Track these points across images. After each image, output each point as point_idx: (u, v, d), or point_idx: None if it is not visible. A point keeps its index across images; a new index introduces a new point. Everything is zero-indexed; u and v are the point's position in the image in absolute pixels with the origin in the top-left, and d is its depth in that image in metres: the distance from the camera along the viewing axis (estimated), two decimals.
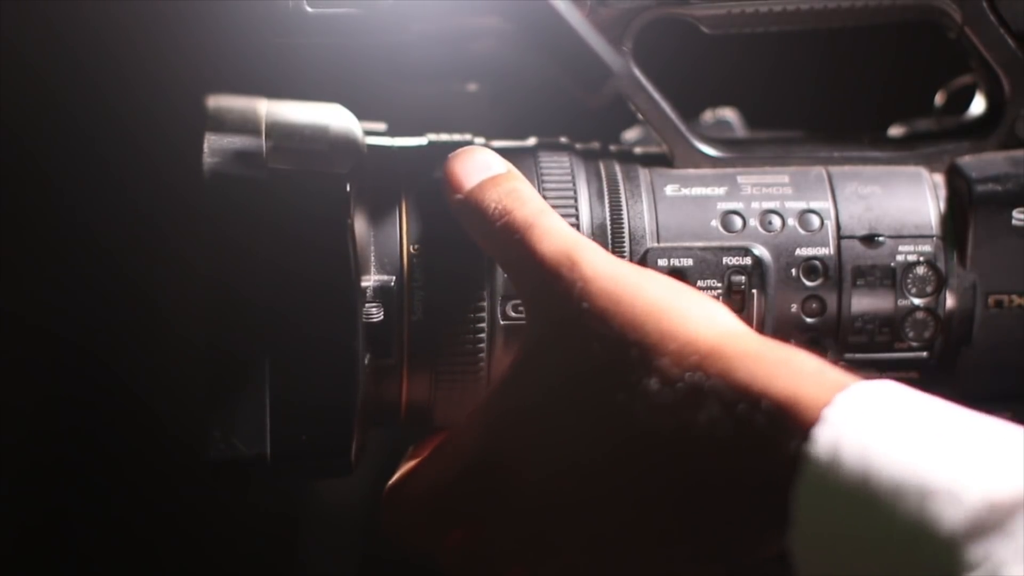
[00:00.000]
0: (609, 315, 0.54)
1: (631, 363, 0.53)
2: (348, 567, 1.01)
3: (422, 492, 0.59)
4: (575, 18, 0.57)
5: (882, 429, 0.47)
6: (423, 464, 0.59)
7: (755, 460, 0.50)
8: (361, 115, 0.64)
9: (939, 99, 0.69)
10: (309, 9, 0.59)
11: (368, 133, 0.64)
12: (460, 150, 0.60)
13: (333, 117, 0.62)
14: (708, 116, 0.70)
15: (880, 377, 0.61)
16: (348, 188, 0.57)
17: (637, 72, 0.62)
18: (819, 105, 0.86)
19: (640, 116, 0.63)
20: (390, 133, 0.65)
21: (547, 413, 0.55)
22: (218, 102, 0.62)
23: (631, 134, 0.69)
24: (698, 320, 0.54)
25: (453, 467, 0.58)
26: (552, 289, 0.56)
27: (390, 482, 0.60)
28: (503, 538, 0.57)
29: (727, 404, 0.51)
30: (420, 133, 0.65)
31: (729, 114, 0.70)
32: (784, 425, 0.49)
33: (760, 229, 0.61)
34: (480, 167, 0.59)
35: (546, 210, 0.58)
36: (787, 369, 0.51)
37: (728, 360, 0.52)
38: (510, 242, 0.57)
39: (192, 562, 0.98)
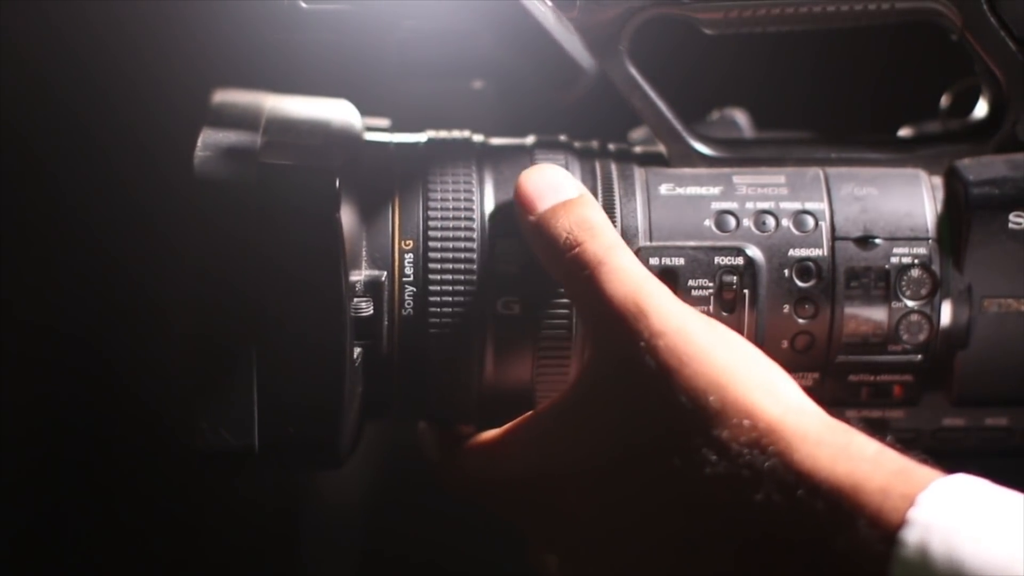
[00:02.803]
0: (672, 378, 0.54)
1: (689, 430, 0.53)
2: (348, 564, 1.01)
3: (478, 480, 0.60)
4: (545, 16, 0.57)
5: (970, 530, 0.47)
6: (478, 457, 0.60)
7: (817, 545, 0.50)
8: (366, 111, 0.64)
9: (945, 101, 0.69)
10: (304, 5, 0.59)
11: (370, 129, 0.64)
12: (533, 167, 0.60)
13: (334, 112, 0.62)
14: (715, 116, 0.70)
15: (874, 381, 0.61)
16: (337, 183, 0.57)
17: (633, 71, 0.62)
18: (820, 106, 0.86)
19: (637, 115, 0.63)
20: (394, 129, 0.65)
21: (600, 450, 0.56)
22: (223, 97, 0.62)
23: (637, 133, 0.69)
24: (762, 392, 0.54)
25: (510, 469, 0.58)
26: (618, 336, 0.56)
27: (447, 461, 0.61)
28: (547, 534, 0.58)
29: (786, 486, 0.51)
30: (423, 130, 0.65)
31: (737, 115, 0.70)
32: (845, 512, 0.49)
33: (754, 229, 0.61)
34: (552, 188, 0.59)
35: (616, 246, 0.58)
36: (848, 453, 0.51)
37: (788, 440, 0.52)
38: (579, 276, 0.57)
39: (191, 559, 0.98)
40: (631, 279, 0.56)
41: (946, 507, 0.48)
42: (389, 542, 0.99)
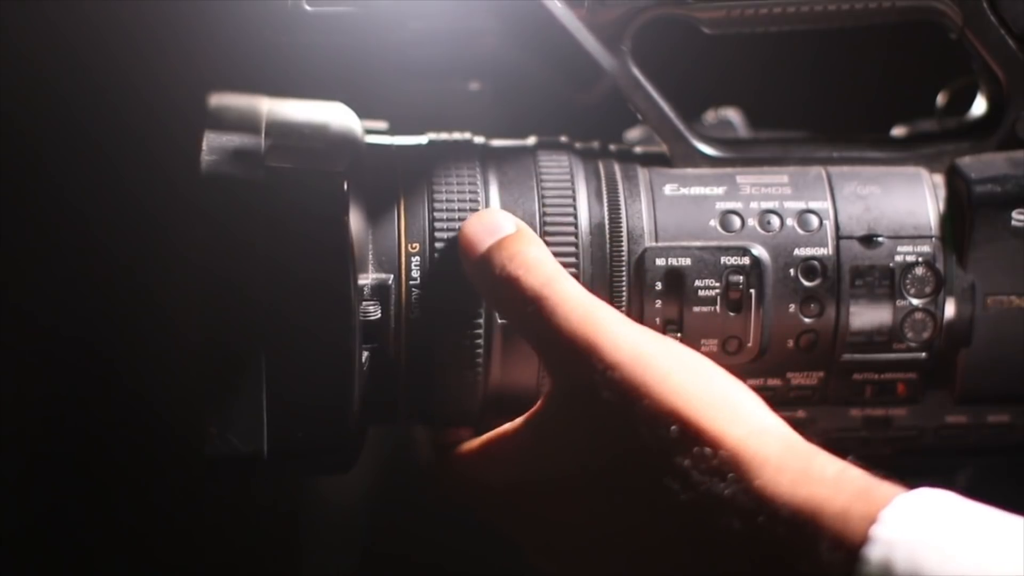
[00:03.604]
0: (630, 409, 0.54)
1: (650, 460, 0.53)
2: (349, 564, 1.01)
3: (465, 487, 0.60)
4: (567, 17, 0.57)
5: (933, 546, 0.47)
6: (466, 463, 0.59)
7: (780, 570, 0.49)
8: (363, 113, 0.64)
9: (941, 100, 0.69)
10: (308, 8, 0.59)
11: (369, 132, 0.64)
12: (474, 214, 0.60)
13: (333, 115, 0.62)
14: (711, 116, 0.70)
15: (878, 379, 0.62)
16: (345, 186, 0.57)
17: (636, 71, 0.62)
18: (819, 105, 0.86)
19: (639, 116, 0.63)
20: (392, 131, 0.65)
21: (568, 476, 0.56)
22: (220, 100, 0.62)
23: (633, 134, 0.69)
24: (722, 415, 0.53)
25: (492, 479, 0.58)
26: (572, 369, 0.55)
27: (439, 463, 0.61)
28: (536, 539, 0.58)
29: (747, 513, 0.51)
30: (421, 131, 0.65)
31: (732, 114, 0.70)
32: (807, 536, 0.49)
33: (759, 229, 0.61)
34: (489, 229, 0.59)
35: (554, 278, 0.57)
36: (808, 476, 0.51)
37: (748, 466, 0.51)
38: (521, 313, 0.57)
39: (193, 559, 0.98)
40: (575, 311, 0.56)
41: (910, 522, 0.48)
42: (389, 542, 0.99)
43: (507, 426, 0.58)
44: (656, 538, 0.53)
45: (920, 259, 0.61)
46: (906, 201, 0.62)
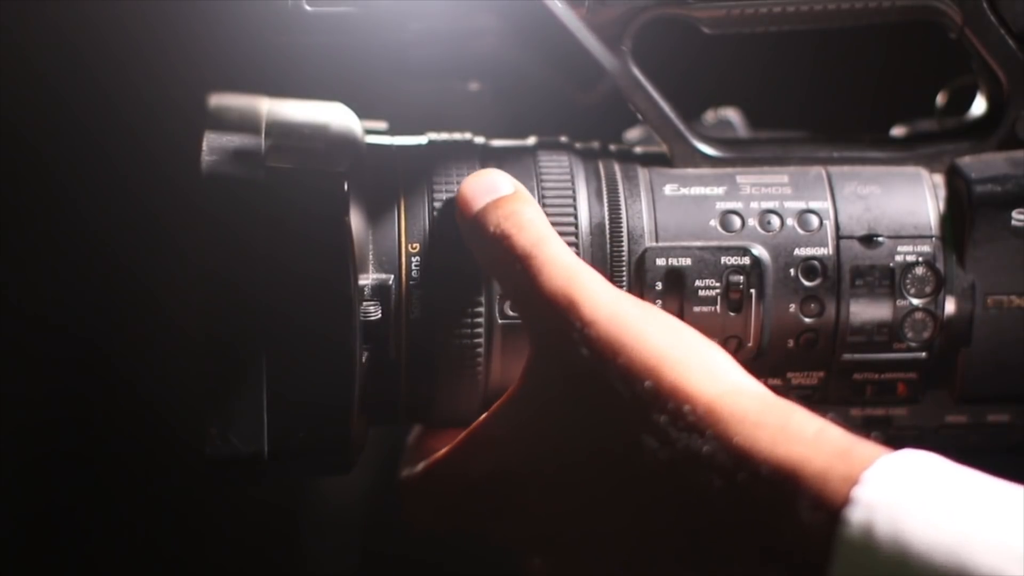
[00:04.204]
0: (607, 365, 0.54)
1: (627, 418, 0.53)
2: (348, 564, 1.01)
3: (443, 488, 0.59)
4: (569, 17, 0.57)
5: (915, 509, 0.46)
6: (442, 465, 0.59)
7: (760, 528, 0.49)
8: (363, 113, 0.64)
9: (940, 99, 0.69)
10: (308, 8, 0.59)
11: (369, 132, 0.64)
12: (473, 174, 0.60)
13: (333, 115, 0.62)
14: (710, 116, 0.70)
15: (878, 379, 0.62)
16: (346, 186, 0.57)
17: (636, 71, 0.62)
18: (819, 105, 0.86)
19: (639, 116, 0.63)
20: (391, 132, 0.65)
21: (547, 445, 0.55)
22: (219, 100, 0.62)
23: (633, 134, 0.69)
24: (698, 373, 0.53)
25: (470, 471, 0.58)
26: (551, 326, 0.55)
27: (409, 473, 0.60)
28: (518, 533, 0.57)
29: (725, 470, 0.50)
30: (421, 132, 0.65)
31: (731, 114, 0.70)
32: (787, 495, 0.49)
33: (759, 229, 0.61)
34: (487, 189, 0.59)
35: (546, 237, 0.57)
36: (786, 434, 0.50)
37: (726, 422, 0.51)
38: (510, 271, 0.57)
39: (193, 559, 0.98)
40: (561, 270, 0.56)
41: (892, 484, 0.47)
42: (389, 542, 0.99)
43: (484, 415, 0.58)
44: (636, 498, 0.53)
45: (920, 259, 0.61)
46: (906, 201, 0.62)
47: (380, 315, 0.59)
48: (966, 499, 0.47)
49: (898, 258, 0.61)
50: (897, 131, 0.69)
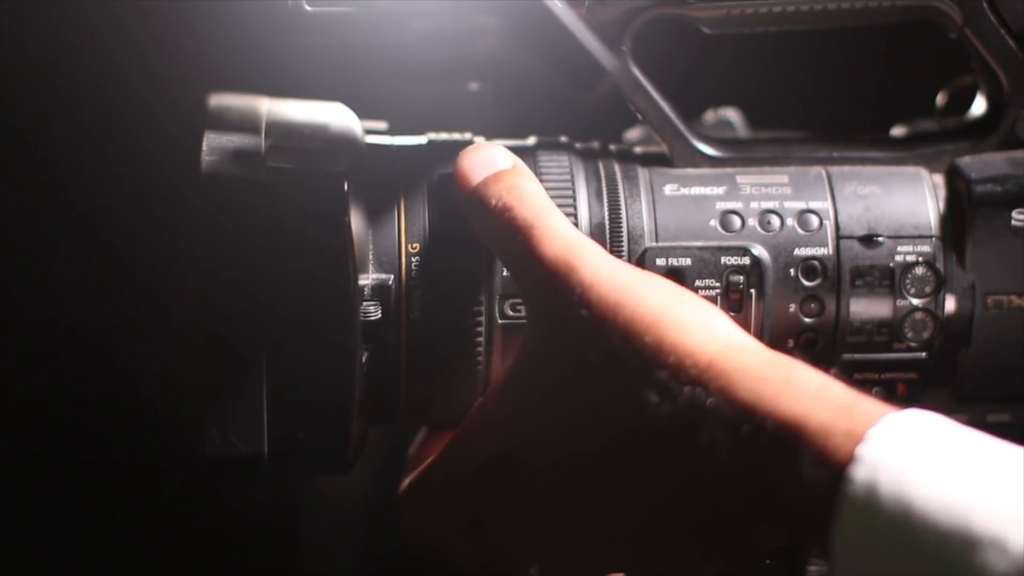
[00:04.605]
0: (607, 324, 0.54)
1: (629, 374, 0.53)
2: (348, 564, 1.01)
3: (439, 490, 0.59)
4: (569, 17, 0.57)
5: (919, 469, 0.46)
6: (437, 463, 0.59)
7: (763, 481, 0.49)
8: (363, 113, 0.64)
9: (940, 99, 0.69)
10: (308, 8, 0.59)
11: (369, 132, 0.64)
12: (470, 147, 0.60)
13: (333, 115, 0.62)
14: (710, 116, 0.70)
15: (879, 379, 0.62)
16: (346, 186, 0.57)
17: (636, 71, 0.62)
18: (819, 105, 0.86)
19: (639, 116, 0.63)
20: (391, 132, 0.65)
21: (549, 416, 0.55)
22: (219, 100, 0.62)
23: (633, 134, 0.69)
24: (699, 331, 0.53)
25: (467, 464, 0.58)
26: (551, 293, 0.56)
27: (406, 483, 0.60)
28: (518, 529, 0.57)
29: (729, 423, 0.50)
30: (421, 132, 0.65)
31: (731, 114, 0.70)
32: (791, 449, 0.48)
33: (759, 229, 0.61)
34: (486, 163, 0.59)
35: (547, 209, 0.58)
36: (790, 388, 0.50)
37: (729, 376, 0.51)
38: (511, 241, 0.57)
39: (193, 559, 0.98)
40: (561, 239, 0.56)
41: (897, 443, 0.47)
42: (389, 542, 0.99)
43: (480, 400, 0.58)
44: (640, 457, 0.53)
45: (920, 259, 0.61)
46: (906, 201, 0.62)
47: (380, 315, 0.59)
48: (970, 461, 0.47)
49: (898, 258, 0.61)
50: (897, 131, 0.69)
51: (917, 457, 0.47)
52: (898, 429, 0.48)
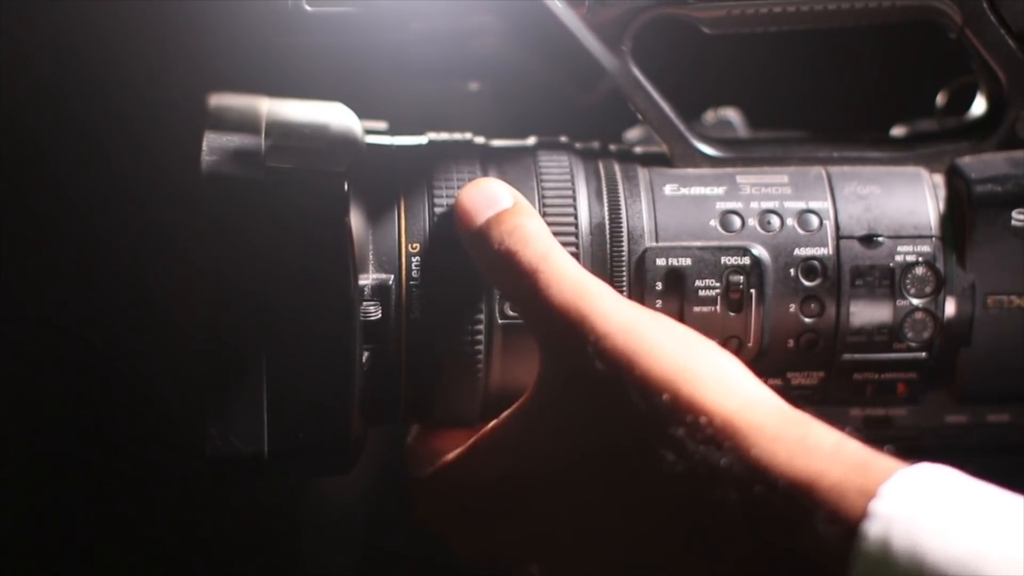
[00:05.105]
0: (623, 378, 0.54)
1: (643, 432, 0.53)
2: (348, 563, 1.01)
3: (451, 491, 0.59)
4: (569, 17, 0.57)
5: (932, 523, 0.46)
6: (453, 466, 0.59)
7: (776, 539, 0.49)
8: (362, 113, 0.64)
9: (940, 99, 0.69)
10: (308, 8, 0.59)
11: (369, 132, 0.64)
12: (470, 184, 0.60)
13: (333, 115, 0.62)
14: (710, 116, 0.70)
15: (879, 379, 0.62)
16: (346, 186, 0.57)
17: (636, 71, 0.62)
18: (819, 105, 0.86)
19: (639, 116, 0.63)
20: (391, 131, 0.65)
21: (559, 461, 0.55)
22: (219, 100, 0.62)
23: (632, 134, 0.69)
24: (714, 386, 0.53)
25: (481, 476, 0.58)
26: (563, 340, 0.55)
27: (423, 473, 0.60)
28: (522, 543, 0.57)
29: (742, 483, 0.50)
30: (421, 132, 0.65)
31: (731, 114, 0.70)
32: (804, 508, 0.49)
33: (759, 229, 0.61)
34: (487, 202, 0.59)
35: (551, 250, 0.57)
36: (804, 447, 0.50)
37: (743, 436, 0.51)
38: (518, 287, 0.57)
39: (192, 558, 0.98)
40: (569, 283, 0.56)
41: (909, 498, 0.47)
42: (389, 540, 0.99)
43: (495, 422, 0.58)
44: (652, 512, 0.53)
45: (920, 259, 0.61)
46: (906, 201, 0.62)
47: (380, 315, 0.59)
48: (982, 513, 0.47)
49: (898, 258, 0.61)
50: (897, 131, 0.69)
51: (929, 511, 0.47)
52: (910, 484, 0.48)
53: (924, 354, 0.61)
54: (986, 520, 0.47)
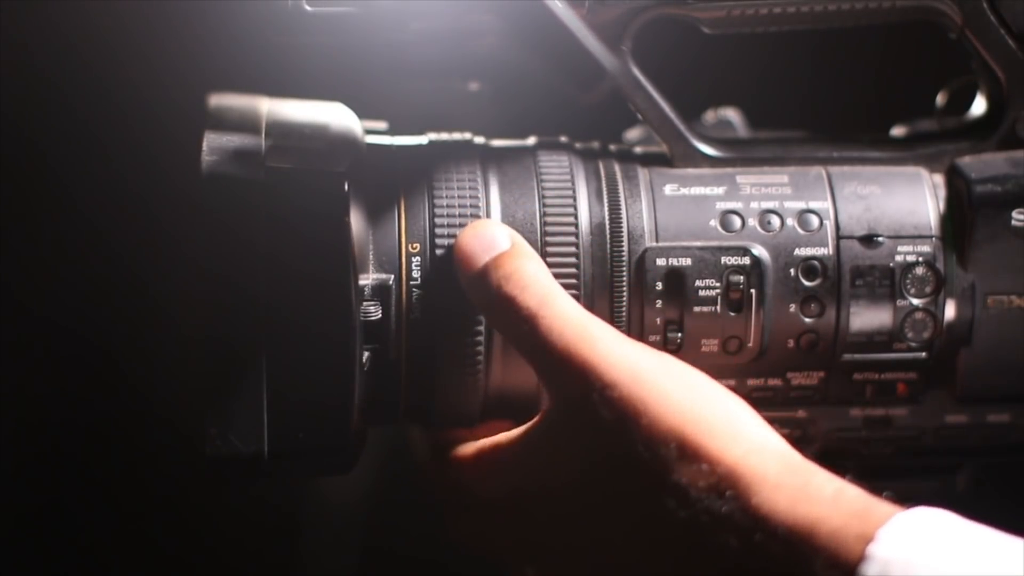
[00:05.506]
0: (630, 427, 0.54)
1: (649, 480, 0.53)
2: (348, 564, 1.01)
3: (458, 493, 0.60)
4: (569, 17, 0.57)
5: (928, 565, 0.47)
6: (464, 468, 0.59)
7: None
8: (362, 113, 0.64)
9: (940, 99, 0.69)
10: (308, 8, 0.59)
11: (369, 132, 0.64)
12: (469, 227, 0.60)
13: (333, 115, 0.62)
14: (710, 116, 0.70)
15: (879, 379, 0.62)
16: (346, 186, 0.57)
17: (636, 71, 0.62)
18: (819, 105, 0.86)
19: (639, 116, 0.63)
20: (391, 132, 0.65)
21: (562, 499, 0.56)
22: (219, 100, 0.62)
23: (633, 134, 0.69)
24: (721, 433, 0.53)
25: (487, 490, 0.58)
26: (569, 389, 0.55)
27: (435, 466, 0.60)
28: (519, 551, 0.58)
29: (742, 531, 0.51)
30: (421, 132, 0.65)
31: (731, 114, 0.70)
32: (803, 554, 0.49)
33: (759, 229, 0.61)
34: (485, 246, 0.59)
35: (550, 294, 0.57)
36: (805, 494, 0.51)
37: (747, 484, 0.52)
38: (519, 332, 0.57)
39: (193, 559, 0.98)
40: (571, 328, 0.56)
41: (906, 541, 0.48)
42: (389, 540, 0.99)
43: (503, 436, 0.58)
44: (652, 556, 0.53)
45: (920, 259, 0.61)
46: (906, 201, 0.62)
47: (380, 315, 0.59)
48: (977, 555, 0.48)
49: (898, 258, 0.61)
50: (897, 131, 0.69)
51: (926, 553, 0.48)
52: (907, 527, 0.49)
53: (924, 354, 0.61)
54: (981, 562, 0.47)
